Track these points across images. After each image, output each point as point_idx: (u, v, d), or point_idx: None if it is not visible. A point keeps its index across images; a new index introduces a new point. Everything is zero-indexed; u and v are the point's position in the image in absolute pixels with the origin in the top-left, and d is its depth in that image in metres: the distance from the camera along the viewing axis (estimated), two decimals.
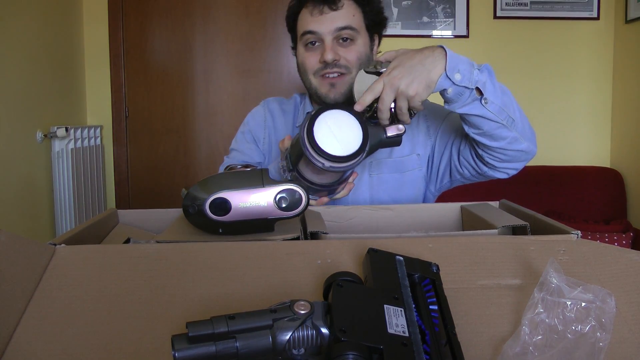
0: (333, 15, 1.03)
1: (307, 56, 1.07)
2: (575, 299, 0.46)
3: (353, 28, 1.05)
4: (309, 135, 0.75)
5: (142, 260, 0.58)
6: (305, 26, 1.05)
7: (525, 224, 0.72)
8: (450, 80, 0.85)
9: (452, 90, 0.86)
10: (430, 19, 2.72)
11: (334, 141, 0.75)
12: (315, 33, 1.04)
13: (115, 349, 0.48)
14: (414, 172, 1.12)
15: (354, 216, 0.88)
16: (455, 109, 0.90)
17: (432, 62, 0.85)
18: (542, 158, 2.74)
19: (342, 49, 1.05)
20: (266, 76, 2.78)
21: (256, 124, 1.18)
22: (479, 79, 0.87)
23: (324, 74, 1.05)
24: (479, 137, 0.95)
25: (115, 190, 2.78)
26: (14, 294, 0.51)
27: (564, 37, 2.76)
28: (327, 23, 1.03)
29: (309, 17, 1.05)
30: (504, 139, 0.95)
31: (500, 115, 0.91)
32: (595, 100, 2.80)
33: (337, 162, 0.74)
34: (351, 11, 1.05)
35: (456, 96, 0.88)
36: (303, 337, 0.41)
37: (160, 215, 0.86)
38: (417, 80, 0.83)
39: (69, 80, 2.54)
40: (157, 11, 2.74)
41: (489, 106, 0.89)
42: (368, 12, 1.08)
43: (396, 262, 0.51)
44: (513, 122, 0.94)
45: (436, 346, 0.44)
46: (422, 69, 0.84)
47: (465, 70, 0.86)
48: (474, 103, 0.89)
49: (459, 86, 0.86)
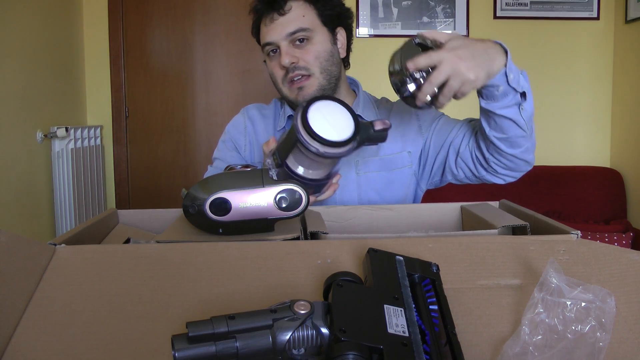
0: (282, 21, 1.03)
1: (272, 66, 1.08)
2: (575, 299, 0.46)
3: (305, 29, 1.04)
4: (304, 120, 0.74)
5: (142, 260, 0.58)
6: (263, 38, 1.07)
7: (525, 224, 0.72)
8: (505, 77, 0.85)
9: (502, 88, 0.86)
10: (430, 19, 2.72)
11: (328, 127, 0.75)
12: (271, 43, 1.05)
13: (115, 349, 0.48)
14: (404, 170, 1.12)
15: (354, 216, 0.88)
16: (496, 109, 0.89)
17: (494, 53, 0.84)
18: (542, 158, 2.74)
19: (299, 50, 1.04)
20: (266, 76, 2.76)
21: (237, 132, 1.18)
22: (524, 84, 0.88)
23: (290, 80, 1.05)
24: (500, 141, 0.95)
25: (115, 190, 2.78)
26: (14, 294, 0.51)
27: (564, 37, 2.76)
28: (278, 30, 1.04)
29: (264, 28, 1.06)
30: (520, 147, 0.95)
31: (528, 124, 0.92)
32: (595, 100, 2.80)
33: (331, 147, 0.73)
34: (300, 12, 1.04)
35: (502, 96, 0.88)
36: (303, 337, 0.41)
37: (160, 215, 0.86)
38: (480, 67, 0.81)
39: (69, 80, 2.54)
40: (157, 11, 2.74)
41: (524, 113, 0.90)
42: (321, 8, 1.07)
43: (396, 262, 0.51)
44: (532, 133, 0.95)
45: (436, 346, 0.44)
46: (487, 57, 0.83)
47: (516, 72, 0.86)
48: (514, 107, 0.89)
49: (510, 86, 0.86)
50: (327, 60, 1.06)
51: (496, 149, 0.97)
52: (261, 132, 1.17)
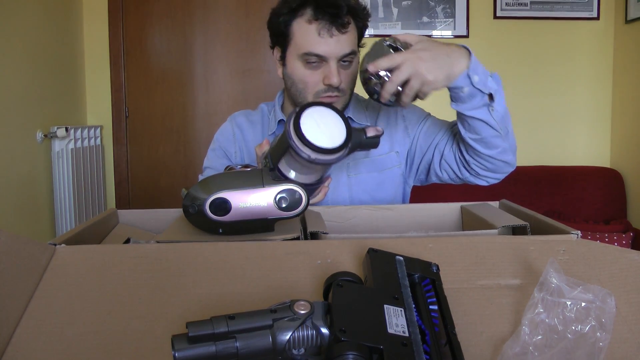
0: (340, 39, 1.00)
1: (308, 74, 1.03)
2: (575, 299, 0.46)
3: (355, 53, 1.04)
4: (296, 126, 0.74)
5: (142, 260, 0.58)
6: (312, 47, 1.00)
7: (525, 224, 0.72)
8: (469, 79, 0.87)
9: (467, 90, 0.89)
10: (430, 19, 2.72)
11: (320, 134, 0.75)
12: (322, 56, 1.00)
13: (115, 349, 0.48)
14: (393, 170, 1.13)
15: (354, 216, 0.88)
16: (464, 110, 0.92)
17: (457, 57, 0.87)
18: (542, 158, 2.74)
19: (343, 71, 1.03)
20: (266, 76, 2.78)
21: (225, 140, 1.17)
22: (492, 85, 0.90)
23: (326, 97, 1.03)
24: (475, 142, 0.97)
25: (115, 190, 2.78)
26: (14, 294, 0.51)
27: (564, 37, 2.76)
28: (335, 47, 0.99)
29: (316, 36, 0.99)
30: (496, 147, 0.97)
31: (501, 124, 0.94)
32: (595, 101, 2.80)
33: (322, 154, 0.74)
34: (353, 34, 1.03)
35: (469, 97, 0.90)
36: (303, 337, 0.41)
37: (160, 215, 0.86)
38: (439, 69, 0.85)
39: (69, 80, 2.54)
40: (157, 11, 2.74)
41: (494, 114, 0.92)
42: (361, 27, 1.06)
43: (396, 262, 0.51)
44: (507, 134, 0.97)
45: (436, 346, 0.44)
46: (448, 59, 0.86)
47: (482, 74, 0.88)
48: (482, 108, 0.91)
49: (475, 88, 0.88)
50: (355, 81, 1.06)
51: (473, 150, 0.99)
52: (250, 138, 1.17)
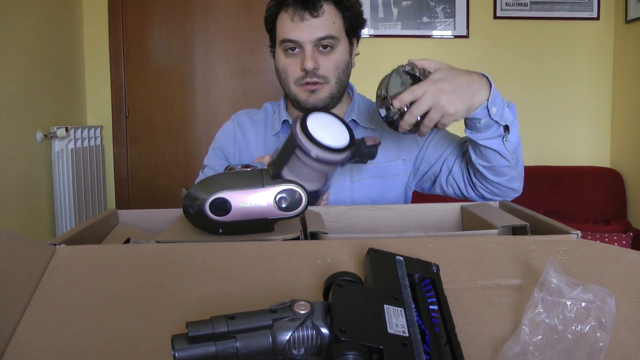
0: (313, 23, 1.00)
1: (288, 63, 1.05)
2: (575, 299, 0.46)
3: (333, 37, 1.02)
4: (303, 127, 0.76)
5: (142, 260, 0.58)
6: (285, 33, 1.02)
7: (525, 224, 0.72)
8: (487, 111, 0.86)
9: (484, 121, 0.88)
10: (430, 19, 2.72)
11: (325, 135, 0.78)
12: (296, 42, 1.02)
13: (115, 349, 0.48)
14: (398, 178, 1.12)
15: (354, 216, 0.88)
16: (478, 139, 0.91)
17: (478, 87, 0.86)
18: (542, 158, 2.74)
19: (322, 57, 1.03)
20: (266, 76, 2.78)
21: (226, 139, 1.18)
22: (508, 117, 0.89)
23: (305, 83, 1.04)
24: (485, 169, 0.97)
25: (115, 190, 2.78)
26: (14, 294, 0.51)
27: (564, 37, 2.76)
28: (307, 31, 1.00)
29: (290, 23, 1.01)
30: (505, 175, 0.97)
31: (513, 155, 0.93)
32: (595, 100, 2.80)
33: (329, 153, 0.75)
34: (331, 18, 1.02)
35: (485, 128, 0.89)
36: (303, 337, 0.41)
37: (160, 215, 0.86)
38: (460, 100, 0.83)
39: (69, 80, 2.54)
40: (157, 11, 2.74)
41: (508, 144, 0.91)
42: (348, 17, 1.05)
43: (396, 262, 0.51)
44: (518, 162, 0.96)
45: (436, 346, 0.44)
46: (468, 90, 0.85)
47: (500, 105, 0.87)
48: (497, 139, 0.91)
49: (492, 120, 0.88)
50: (343, 70, 1.07)
51: (482, 175, 0.99)
52: (251, 138, 1.17)
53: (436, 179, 1.10)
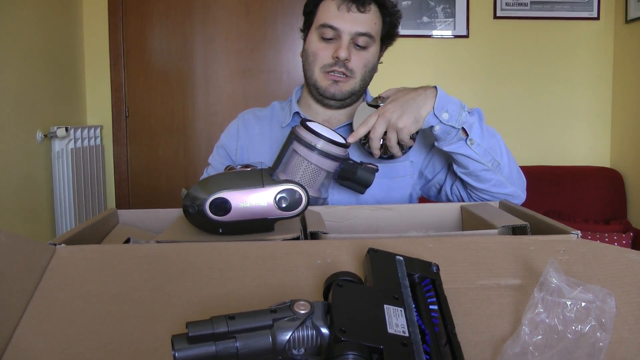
0: (358, 17, 1.03)
1: (320, 48, 1.06)
2: (575, 299, 0.46)
3: (371, 36, 1.05)
4: (303, 123, 0.83)
5: (142, 260, 0.58)
6: (328, 19, 1.04)
7: (525, 224, 0.72)
8: (437, 118, 0.92)
9: (439, 127, 0.93)
10: (430, 19, 2.71)
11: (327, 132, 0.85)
12: (337, 29, 1.03)
13: (115, 349, 0.48)
14: (405, 179, 1.13)
15: (354, 216, 0.88)
16: (443, 146, 0.96)
17: (422, 99, 0.92)
18: (542, 158, 2.74)
19: (355, 51, 1.05)
20: (266, 76, 2.78)
21: (228, 137, 1.20)
22: (466, 120, 0.93)
23: (331, 71, 1.06)
24: (465, 176, 1.00)
25: (115, 190, 2.78)
26: (14, 294, 0.51)
27: (564, 37, 2.76)
28: (351, 23, 1.03)
29: (335, 10, 1.03)
30: (488, 181, 0.98)
31: (486, 157, 0.96)
32: (595, 100, 2.80)
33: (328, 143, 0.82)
34: (374, 18, 1.05)
35: (443, 134, 0.94)
36: (303, 337, 0.41)
37: (160, 215, 0.86)
38: (406, 115, 0.91)
39: (69, 80, 2.54)
40: (157, 11, 2.74)
41: (475, 147, 0.95)
42: (387, 22, 1.08)
43: (396, 262, 0.51)
44: (499, 166, 0.98)
45: (436, 346, 0.44)
46: (413, 104, 0.92)
47: (453, 111, 0.92)
48: (459, 142, 0.95)
49: (446, 125, 0.93)
50: (370, 71, 1.10)
51: (467, 184, 1.02)
52: (256, 133, 1.18)
53: (442, 188, 1.12)
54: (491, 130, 0.98)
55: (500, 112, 2.74)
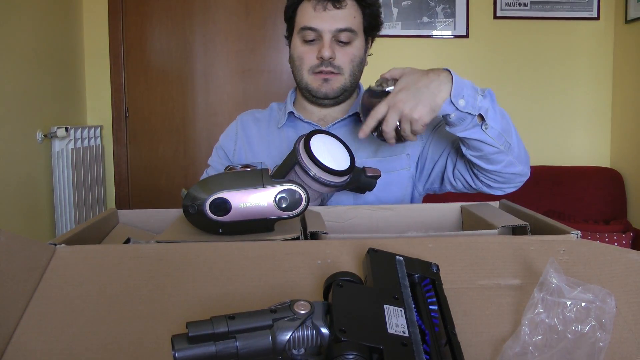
0: (335, 14, 1.04)
1: (305, 51, 1.07)
2: (575, 299, 0.46)
3: (352, 30, 1.05)
4: (306, 145, 0.79)
5: (142, 260, 0.58)
6: (306, 21, 1.05)
7: (525, 224, 0.72)
8: (454, 105, 0.86)
9: (455, 115, 0.87)
10: (430, 19, 2.72)
11: (327, 156, 0.81)
12: (316, 30, 1.04)
13: (115, 349, 0.48)
14: (402, 172, 1.12)
15: (354, 216, 0.88)
16: (457, 132, 0.91)
17: (437, 86, 0.86)
18: (542, 158, 2.74)
19: (339, 48, 1.06)
20: (266, 76, 2.78)
21: (227, 138, 1.20)
22: (482, 105, 0.88)
23: (319, 72, 1.06)
24: (477, 160, 0.96)
25: (115, 190, 2.78)
26: (14, 294, 0.51)
27: (564, 37, 2.76)
28: (329, 21, 1.04)
29: (312, 12, 1.04)
30: (500, 162, 0.96)
31: (499, 140, 0.92)
32: (595, 100, 2.80)
33: (327, 174, 0.79)
34: (352, 12, 1.06)
35: (458, 121, 0.88)
36: (303, 337, 0.41)
37: (160, 215, 0.86)
38: (421, 104, 0.84)
39: (69, 80, 2.54)
40: (157, 11, 2.74)
41: (489, 131, 0.90)
42: (368, 14, 1.08)
43: (396, 262, 0.51)
44: (510, 147, 0.95)
45: (436, 346, 0.44)
46: (427, 92, 0.85)
47: (469, 96, 0.86)
48: (475, 128, 0.90)
49: (462, 112, 0.87)
50: (357, 65, 1.10)
51: (477, 166, 0.98)
52: (254, 134, 1.18)
53: (444, 176, 1.10)
54: (501, 110, 0.94)
55: None
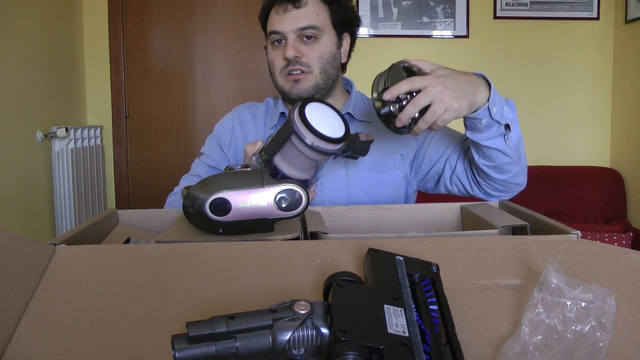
0: (296, 14, 1.05)
1: (274, 55, 1.09)
2: (575, 299, 0.46)
3: (315, 27, 1.05)
4: (301, 113, 0.76)
5: (142, 260, 0.58)
6: (272, 26, 1.07)
7: (525, 224, 0.72)
8: (488, 111, 0.85)
9: (485, 121, 0.86)
10: (430, 19, 2.71)
11: (322, 124, 0.77)
12: (279, 32, 1.06)
13: (115, 349, 0.48)
14: (395, 172, 1.12)
15: (354, 216, 0.88)
16: (480, 140, 0.90)
17: (478, 86, 0.85)
18: (542, 158, 2.74)
19: (305, 46, 1.06)
20: (266, 76, 2.77)
21: (223, 130, 1.20)
22: (508, 115, 0.88)
23: (288, 72, 1.07)
24: (488, 169, 0.96)
25: (115, 190, 2.78)
26: (14, 294, 0.51)
27: (564, 37, 2.76)
28: (290, 22, 1.04)
29: (275, 16, 1.07)
30: (509, 172, 0.96)
31: (515, 152, 0.93)
32: (595, 100, 2.80)
33: (324, 142, 0.75)
34: (314, 9, 1.06)
35: (486, 128, 0.88)
36: (303, 337, 0.41)
37: (160, 215, 0.86)
38: (464, 97, 0.81)
39: (69, 80, 2.54)
40: (157, 11, 2.74)
41: (510, 142, 0.91)
42: (335, 10, 1.08)
43: (396, 262, 0.51)
44: (520, 158, 0.96)
45: (436, 346, 0.44)
46: (470, 88, 0.83)
47: (499, 104, 0.86)
48: (499, 137, 0.90)
49: (494, 120, 0.87)
50: (328, 62, 1.08)
51: (486, 175, 0.98)
52: (250, 131, 1.18)
53: (440, 178, 1.10)
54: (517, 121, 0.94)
55: None
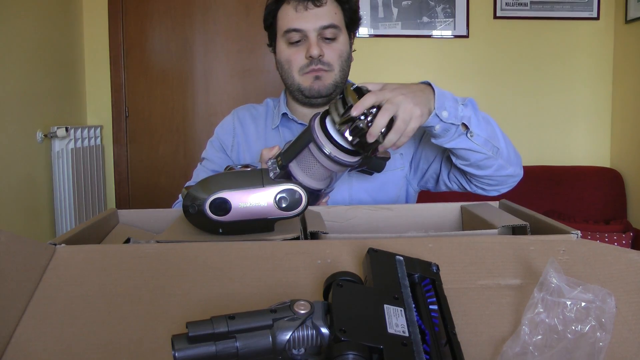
0: (317, 12, 1.04)
1: (292, 53, 1.07)
2: (575, 299, 0.46)
3: (336, 26, 1.06)
4: (322, 121, 0.75)
5: (142, 260, 0.58)
6: (289, 24, 1.05)
7: (525, 224, 0.72)
8: (438, 117, 0.85)
9: (439, 127, 0.87)
10: (430, 19, 2.71)
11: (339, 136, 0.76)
12: (300, 31, 1.04)
13: (115, 349, 0.48)
14: (396, 172, 1.12)
15: (354, 216, 0.88)
16: (443, 144, 0.91)
17: (429, 94, 0.85)
18: (542, 158, 2.74)
19: (325, 46, 1.06)
20: (266, 76, 2.78)
21: (224, 133, 1.19)
22: (464, 114, 0.88)
23: (310, 70, 1.06)
24: (467, 167, 0.97)
25: (115, 190, 2.78)
26: (14, 294, 0.51)
27: (564, 37, 2.76)
28: (312, 20, 1.04)
29: (293, 13, 1.04)
30: (490, 167, 0.97)
31: (486, 147, 0.93)
32: (595, 100, 2.80)
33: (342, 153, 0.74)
34: (333, 9, 1.06)
35: (443, 132, 0.89)
36: (303, 337, 0.41)
37: (160, 215, 0.86)
38: (423, 104, 0.81)
39: (69, 80, 2.54)
40: (157, 11, 2.74)
41: (475, 139, 0.91)
42: (347, 10, 1.09)
43: (396, 262, 0.51)
44: (498, 151, 0.95)
45: (436, 346, 0.44)
46: (424, 96, 0.83)
47: (450, 107, 0.86)
48: (460, 137, 0.90)
49: (446, 123, 0.87)
50: (345, 60, 1.10)
51: (468, 173, 0.99)
52: (251, 132, 1.18)
53: (439, 177, 1.10)
54: (485, 116, 0.94)
55: (500, 112, 2.74)
